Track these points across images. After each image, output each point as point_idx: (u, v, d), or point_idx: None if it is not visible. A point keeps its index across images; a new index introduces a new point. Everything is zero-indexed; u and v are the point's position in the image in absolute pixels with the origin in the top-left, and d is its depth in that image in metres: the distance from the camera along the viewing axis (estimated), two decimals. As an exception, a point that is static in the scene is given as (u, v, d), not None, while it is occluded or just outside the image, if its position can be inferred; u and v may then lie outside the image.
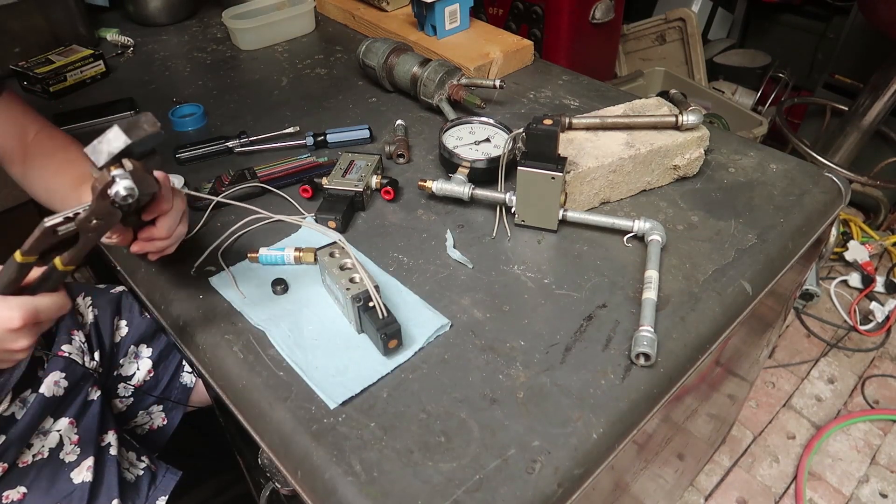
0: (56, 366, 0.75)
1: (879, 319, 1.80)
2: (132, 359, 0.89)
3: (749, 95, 2.39)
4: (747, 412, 1.61)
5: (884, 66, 1.83)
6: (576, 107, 1.06)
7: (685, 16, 2.27)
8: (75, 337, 0.80)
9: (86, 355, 0.80)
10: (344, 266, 0.69)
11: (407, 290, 0.73)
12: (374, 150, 0.96)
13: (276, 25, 1.29)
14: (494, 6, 1.96)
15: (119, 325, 0.88)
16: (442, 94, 1.00)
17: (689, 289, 0.72)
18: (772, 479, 1.48)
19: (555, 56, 1.85)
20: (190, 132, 1.04)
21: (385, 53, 1.06)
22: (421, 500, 0.54)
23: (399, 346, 0.66)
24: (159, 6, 1.37)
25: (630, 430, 0.62)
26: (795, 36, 2.30)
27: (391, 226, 0.83)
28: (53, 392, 0.74)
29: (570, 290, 0.73)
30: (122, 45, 1.30)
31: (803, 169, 0.90)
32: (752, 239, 0.79)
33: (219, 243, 0.80)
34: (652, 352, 0.63)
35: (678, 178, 0.88)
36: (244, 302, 0.73)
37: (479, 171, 0.86)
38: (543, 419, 0.60)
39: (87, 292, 0.89)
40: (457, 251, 0.78)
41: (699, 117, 0.83)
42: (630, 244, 0.78)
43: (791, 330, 1.82)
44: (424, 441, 0.58)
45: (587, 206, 0.84)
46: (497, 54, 1.13)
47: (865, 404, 1.63)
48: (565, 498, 0.56)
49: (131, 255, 0.82)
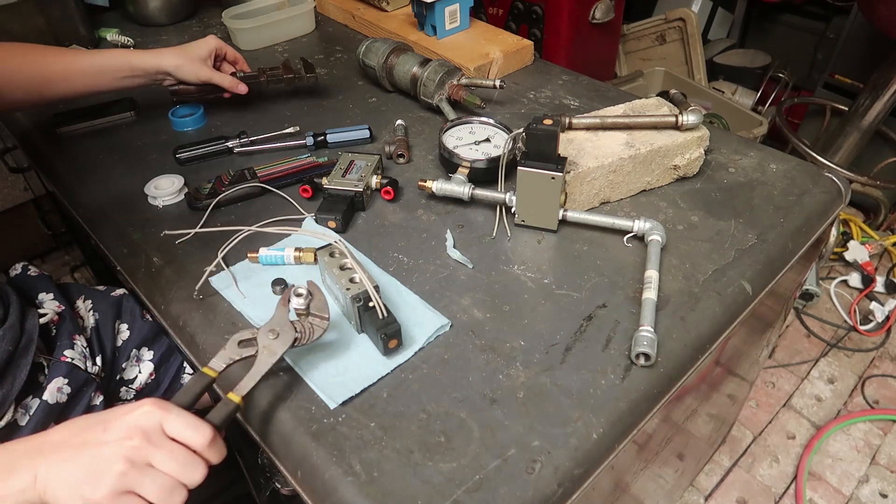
0: (58, 371, 0.75)
1: (879, 319, 1.80)
2: (134, 362, 0.89)
3: (749, 95, 2.39)
4: (747, 412, 1.61)
5: (884, 66, 1.83)
6: (576, 107, 1.06)
7: (685, 16, 2.27)
8: (77, 342, 0.79)
9: (88, 360, 0.80)
10: (344, 266, 0.69)
11: (407, 290, 0.73)
12: (374, 150, 0.96)
13: (276, 25, 1.29)
14: (494, 6, 1.96)
15: (120, 329, 0.88)
16: (442, 94, 1.00)
17: (689, 289, 0.72)
18: (772, 479, 1.48)
19: (555, 56, 1.86)
20: (190, 132, 1.04)
21: (385, 53, 1.06)
22: (421, 500, 0.54)
23: (399, 346, 0.66)
24: (159, 6, 1.36)
25: (630, 430, 0.62)
26: (795, 36, 2.30)
27: (391, 226, 0.83)
28: (57, 398, 0.74)
29: (570, 290, 0.73)
30: (123, 45, 1.30)
31: (803, 169, 0.90)
32: (752, 239, 0.79)
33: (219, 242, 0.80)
34: (652, 352, 0.63)
35: (678, 178, 0.88)
36: (244, 302, 0.73)
37: (479, 171, 0.86)
38: (543, 419, 0.60)
39: (87, 295, 0.89)
40: (457, 251, 0.78)
41: (699, 117, 0.83)
42: (630, 244, 0.78)
43: (791, 330, 1.82)
44: (424, 441, 0.58)
45: (587, 206, 0.84)
46: (497, 54, 1.13)
47: (865, 404, 1.63)
48: (565, 498, 0.56)
49: (130, 255, 0.82)
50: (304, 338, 0.61)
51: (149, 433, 0.49)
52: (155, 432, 0.49)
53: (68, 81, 0.91)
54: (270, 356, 0.59)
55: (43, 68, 0.89)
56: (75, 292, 0.89)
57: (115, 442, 0.48)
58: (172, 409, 0.51)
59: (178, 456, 0.49)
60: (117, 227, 0.87)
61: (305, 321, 0.61)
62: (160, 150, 0.99)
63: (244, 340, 0.60)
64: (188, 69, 0.97)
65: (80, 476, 0.48)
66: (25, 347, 0.72)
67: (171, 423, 0.50)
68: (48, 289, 0.84)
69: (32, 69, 0.88)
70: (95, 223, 0.90)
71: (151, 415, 0.49)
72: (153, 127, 1.05)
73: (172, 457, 0.49)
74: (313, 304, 0.62)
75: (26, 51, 0.90)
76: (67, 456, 0.49)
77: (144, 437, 0.48)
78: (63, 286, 0.87)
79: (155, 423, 0.49)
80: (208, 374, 0.58)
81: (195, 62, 0.97)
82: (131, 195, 0.90)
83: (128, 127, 1.06)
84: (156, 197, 0.88)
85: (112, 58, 0.93)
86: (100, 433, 0.49)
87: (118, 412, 0.50)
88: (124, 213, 0.88)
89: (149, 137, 1.03)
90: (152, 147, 1.01)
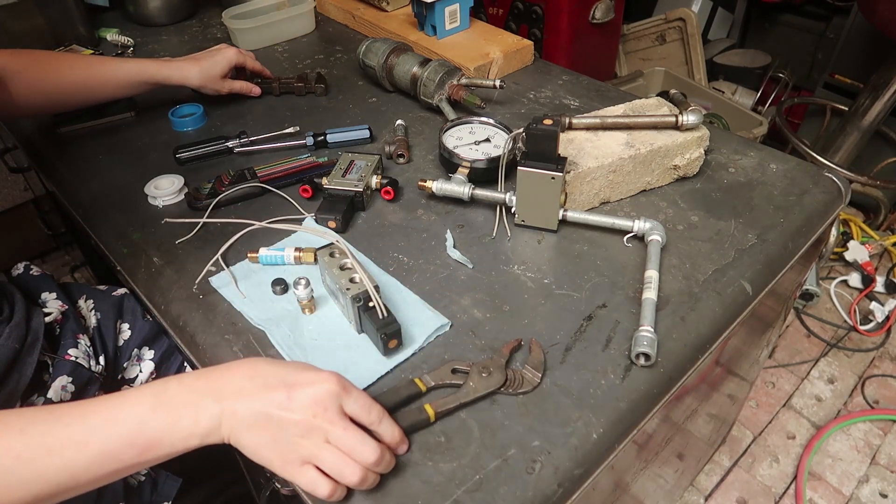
0: (63, 370, 0.75)
1: (879, 319, 1.80)
2: (135, 362, 0.89)
3: (749, 95, 2.39)
4: (747, 412, 1.61)
5: (884, 66, 1.83)
6: (576, 107, 1.06)
7: (685, 16, 2.27)
8: (81, 341, 0.79)
9: (91, 359, 0.80)
10: (344, 266, 0.69)
11: (407, 290, 0.73)
12: (374, 150, 0.96)
13: (276, 25, 1.29)
14: (494, 6, 1.96)
15: (122, 329, 0.88)
16: (442, 94, 1.00)
17: (689, 289, 0.72)
18: (772, 479, 1.48)
19: (555, 56, 1.86)
20: (190, 132, 1.04)
21: (385, 53, 1.06)
22: (421, 500, 0.54)
23: (399, 346, 0.66)
24: (159, 6, 1.36)
25: (630, 430, 0.62)
26: (795, 36, 2.30)
27: (391, 226, 0.83)
28: (61, 397, 0.74)
29: (570, 290, 0.73)
30: (122, 45, 1.30)
31: (803, 169, 0.90)
32: (752, 239, 0.79)
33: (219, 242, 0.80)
34: (652, 352, 0.63)
35: (678, 178, 0.88)
36: (244, 302, 0.73)
37: (479, 171, 0.86)
38: (543, 419, 0.60)
39: (88, 295, 0.89)
40: (457, 251, 0.78)
41: (699, 117, 0.83)
42: (630, 244, 0.78)
43: (791, 330, 1.82)
44: (424, 441, 0.58)
45: (587, 206, 0.84)
46: (497, 54, 1.13)
47: (865, 404, 1.63)
48: (565, 498, 0.56)
49: (130, 256, 0.82)
50: (512, 385, 0.62)
51: (329, 411, 0.52)
52: (335, 411, 0.52)
53: (89, 89, 0.95)
54: (475, 391, 0.61)
55: (66, 76, 0.92)
56: (77, 292, 0.89)
57: (301, 417, 0.51)
58: (352, 390, 0.54)
59: (353, 434, 0.53)
60: (117, 227, 0.87)
61: (518, 371, 0.63)
62: (160, 150, 0.99)
63: (457, 369, 0.63)
64: (209, 88, 1.04)
65: (267, 438, 0.52)
66: (31, 345, 0.73)
67: (350, 404, 0.54)
68: (51, 288, 0.84)
69: (55, 77, 0.92)
70: (95, 223, 0.90)
71: (334, 396, 0.53)
72: (153, 127, 1.05)
73: (347, 434, 0.52)
74: (530, 360, 0.64)
75: (49, 59, 0.93)
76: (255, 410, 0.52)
77: (326, 416, 0.52)
78: (64, 286, 0.87)
79: (336, 402, 0.53)
80: (419, 385, 0.61)
81: (216, 81, 1.04)
82: (131, 195, 0.90)
83: (128, 127, 1.06)
84: (156, 197, 0.88)
85: (133, 68, 0.97)
86: (284, 399, 0.52)
87: (300, 378, 0.53)
88: (124, 213, 0.88)
89: (149, 137, 1.03)
90: (152, 147, 1.01)
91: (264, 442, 0.52)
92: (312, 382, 0.53)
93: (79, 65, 0.94)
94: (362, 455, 0.52)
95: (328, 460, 0.52)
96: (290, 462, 0.52)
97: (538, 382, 0.62)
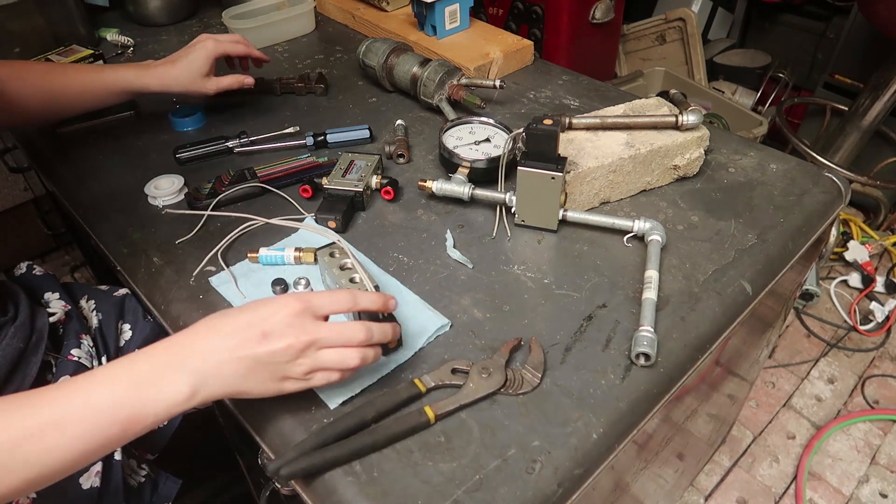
0: (66, 370, 0.75)
1: (879, 319, 1.80)
2: None
3: (749, 95, 2.39)
4: (747, 412, 1.61)
5: (884, 66, 1.83)
6: (576, 107, 1.06)
7: (685, 16, 2.27)
8: (83, 341, 0.79)
9: (94, 359, 0.80)
10: (344, 266, 0.69)
11: (407, 290, 0.73)
12: (374, 150, 0.96)
13: (276, 25, 1.29)
14: (494, 6, 1.96)
15: (123, 329, 0.88)
16: (442, 94, 1.00)
17: (689, 289, 0.72)
18: (772, 479, 1.48)
19: (555, 56, 1.86)
20: (190, 132, 1.04)
21: (385, 53, 1.06)
22: (421, 500, 0.54)
23: (399, 347, 0.66)
24: (159, 6, 1.36)
25: (630, 430, 0.62)
26: (795, 36, 2.30)
27: (391, 226, 0.83)
28: None
29: (570, 290, 0.73)
30: (122, 46, 1.30)
31: (803, 169, 0.90)
32: (752, 239, 0.79)
33: (219, 244, 0.80)
34: (652, 352, 0.63)
35: (678, 178, 0.88)
36: (244, 302, 0.73)
37: (479, 171, 0.86)
38: (543, 419, 0.60)
39: (90, 295, 0.89)
40: (457, 251, 0.78)
41: (699, 117, 0.83)
42: (630, 244, 0.78)
43: (791, 330, 1.82)
44: (424, 441, 0.58)
45: (587, 206, 0.84)
46: (497, 54, 1.13)
47: (865, 404, 1.63)
48: (565, 498, 0.56)
49: (130, 256, 0.82)
50: (512, 386, 0.62)
51: (306, 324, 0.55)
52: (311, 321, 0.55)
53: (84, 97, 0.94)
54: (475, 392, 0.61)
55: (62, 84, 0.92)
56: (78, 292, 0.89)
57: (285, 343, 0.54)
58: (313, 297, 0.56)
59: (335, 328, 0.56)
60: (117, 227, 0.87)
61: (518, 371, 0.63)
62: (160, 150, 0.99)
63: (457, 369, 0.63)
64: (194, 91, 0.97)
65: (265, 376, 0.55)
66: (36, 345, 0.73)
67: (320, 309, 0.56)
68: (54, 288, 0.84)
69: (51, 86, 0.91)
70: (95, 223, 0.90)
71: (301, 310, 0.55)
72: (153, 127, 1.05)
73: (332, 332, 0.56)
74: (530, 360, 0.64)
75: (45, 69, 0.93)
76: (239, 358, 0.53)
77: (305, 330, 0.54)
78: (66, 286, 0.87)
79: (307, 314, 0.55)
80: (419, 386, 0.61)
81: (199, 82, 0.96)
82: (131, 195, 0.90)
83: (128, 127, 1.06)
84: (156, 197, 0.88)
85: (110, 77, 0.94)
86: (260, 337, 0.54)
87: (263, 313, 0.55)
88: (124, 213, 0.88)
89: (149, 137, 1.03)
90: (152, 147, 1.01)
91: (264, 379, 0.55)
92: (276, 311, 0.55)
93: (73, 74, 0.93)
94: (353, 340, 0.56)
95: (328, 361, 0.56)
96: (296, 381, 0.56)
97: (538, 382, 0.62)
